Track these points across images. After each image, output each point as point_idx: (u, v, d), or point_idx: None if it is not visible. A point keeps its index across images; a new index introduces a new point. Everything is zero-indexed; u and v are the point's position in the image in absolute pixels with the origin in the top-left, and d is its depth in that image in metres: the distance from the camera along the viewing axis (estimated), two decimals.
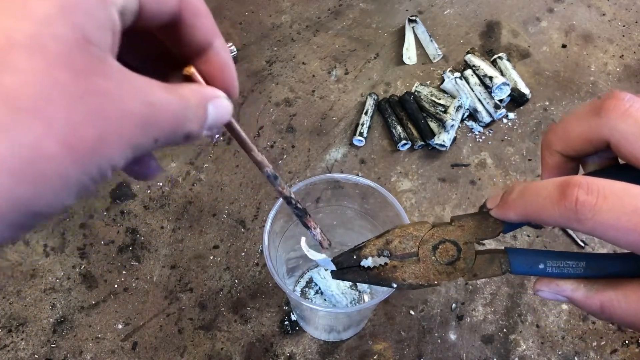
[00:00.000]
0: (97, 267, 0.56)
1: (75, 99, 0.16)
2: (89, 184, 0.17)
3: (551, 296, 0.29)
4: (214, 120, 0.23)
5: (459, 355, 0.51)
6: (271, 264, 0.40)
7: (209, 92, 0.23)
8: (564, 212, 0.24)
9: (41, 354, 0.51)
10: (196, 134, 0.22)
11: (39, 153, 0.15)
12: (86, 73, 0.16)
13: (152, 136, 0.19)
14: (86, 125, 0.16)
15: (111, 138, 0.17)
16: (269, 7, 0.80)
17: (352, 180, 0.45)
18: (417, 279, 0.32)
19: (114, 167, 0.18)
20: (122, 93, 0.18)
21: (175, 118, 0.20)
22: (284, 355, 0.51)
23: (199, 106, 0.22)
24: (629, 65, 0.74)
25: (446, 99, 0.67)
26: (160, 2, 0.21)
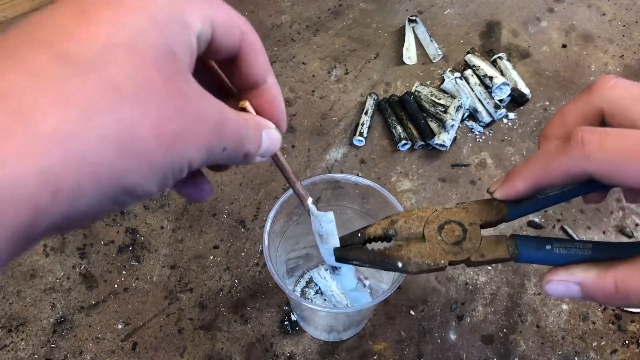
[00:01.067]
0: (97, 267, 0.56)
1: (164, 97, 0.18)
2: (169, 175, 0.19)
3: (562, 287, 0.28)
4: (266, 147, 0.26)
5: (459, 356, 0.51)
6: (271, 264, 0.40)
7: (264, 121, 0.26)
8: (571, 153, 0.25)
9: (41, 354, 0.51)
10: (252, 156, 0.25)
11: (135, 135, 0.17)
12: (173, 78, 0.19)
13: (221, 143, 0.21)
14: (172, 120, 0.19)
15: (191, 135, 0.19)
16: (269, 7, 0.80)
17: (352, 181, 0.45)
18: (422, 258, 0.31)
19: (190, 165, 0.20)
20: (200, 100, 0.20)
21: (239, 134, 0.23)
22: (284, 355, 0.51)
23: (256, 131, 0.25)
24: (629, 65, 0.74)
25: (446, 99, 0.67)
26: (227, 34, 0.23)
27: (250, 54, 0.25)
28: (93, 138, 0.16)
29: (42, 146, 0.15)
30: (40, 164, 0.15)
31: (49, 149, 0.15)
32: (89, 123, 0.16)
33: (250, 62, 0.25)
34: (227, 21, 0.23)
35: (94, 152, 0.16)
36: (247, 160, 0.24)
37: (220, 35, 0.23)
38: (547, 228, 0.59)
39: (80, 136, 0.16)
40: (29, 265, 0.56)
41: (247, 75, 0.26)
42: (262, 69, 0.26)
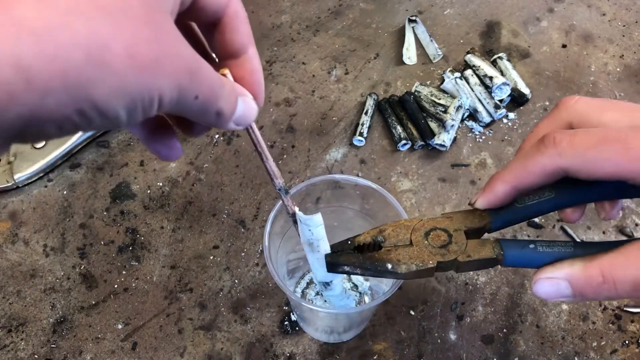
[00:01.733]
0: (97, 267, 0.56)
1: (141, 22, 0.19)
2: (138, 103, 0.19)
3: (551, 285, 0.29)
4: (241, 114, 0.25)
5: (459, 356, 0.51)
6: (271, 264, 0.40)
7: (240, 89, 0.26)
8: (546, 151, 0.28)
9: (41, 354, 0.51)
10: (226, 118, 0.24)
11: (107, 48, 0.18)
12: (153, 10, 0.19)
13: (194, 89, 0.21)
14: (147, 44, 0.19)
15: (164, 66, 0.19)
16: (269, 7, 0.80)
17: (352, 181, 0.45)
18: (411, 259, 0.32)
19: (161, 98, 0.20)
20: (177, 40, 0.20)
21: (213, 88, 0.22)
22: (284, 355, 0.51)
23: (231, 94, 0.24)
24: (629, 65, 0.74)
25: (446, 99, 0.67)
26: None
27: (234, 20, 0.25)
28: (66, 39, 0.17)
29: (20, 35, 0.16)
30: (17, 50, 0.16)
31: (26, 38, 0.16)
32: (64, 25, 0.17)
33: (233, 29, 0.25)
34: None
35: (65, 52, 0.17)
36: (220, 121, 0.24)
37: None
38: (547, 228, 0.59)
39: (54, 35, 0.17)
40: (29, 265, 0.56)
41: (229, 42, 0.26)
42: (244, 38, 0.26)
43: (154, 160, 0.64)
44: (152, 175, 0.63)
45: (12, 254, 0.57)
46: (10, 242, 0.58)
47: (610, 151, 0.26)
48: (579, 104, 0.31)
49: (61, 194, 0.61)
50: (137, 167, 0.63)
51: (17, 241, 0.58)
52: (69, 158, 0.63)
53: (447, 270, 0.32)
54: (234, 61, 0.27)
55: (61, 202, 0.60)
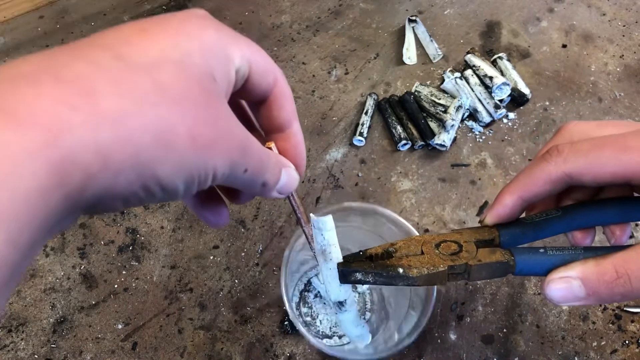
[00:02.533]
0: (97, 267, 0.56)
1: (202, 107, 0.21)
2: (195, 177, 0.21)
3: (564, 286, 0.28)
4: (284, 183, 0.27)
5: (459, 355, 0.51)
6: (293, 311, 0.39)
7: (285, 161, 0.28)
8: (550, 159, 0.29)
9: (41, 354, 0.51)
10: (270, 188, 0.26)
11: (173, 131, 0.20)
12: (210, 95, 0.21)
13: (244, 163, 0.23)
14: (205, 127, 0.21)
15: (220, 145, 0.21)
16: (269, 7, 0.80)
17: (369, 208, 0.45)
18: (422, 264, 0.32)
19: (215, 173, 0.22)
20: (232, 120, 0.23)
21: (261, 162, 0.25)
22: (284, 355, 0.51)
23: (276, 166, 0.27)
24: (629, 65, 0.74)
25: (446, 99, 0.67)
26: (262, 76, 0.26)
27: (280, 99, 0.27)
28: (138, 125, 0.19)
29: (100, 121, 0.18)
30: (98, 136, 0.18)
31: (105, 125, 0.18)
32: (137, 112, 0.19)
33: (279, 107, 0.27)
34: (263, 65, 0.26)
35: (138, 136, 0.19)
36: (265, 191, 0.26)
37: (257, 76, 0.25)
38: None
39: (129, 121, 0.18)
40: (29, 265, 0.56)
41: (275, 118, 0.28)
42: (289, 114, 0.28)
43: None
44: None
45: None
46: None
47: (610, 151, 0.27)
48: (579, 126, 0.33)
49: None
50: None
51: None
52: None
53: (460, 279, 0.33)
54: (278, 135, 0.29)
55: None
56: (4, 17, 0.76)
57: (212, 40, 0.23)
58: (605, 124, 0.32)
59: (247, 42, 0.25)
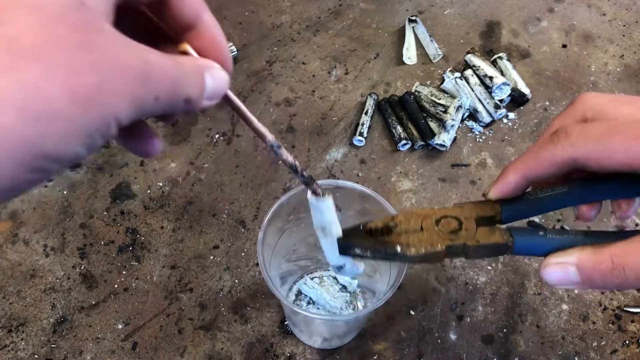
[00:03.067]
0: (97, 267, 0.56)
1: (73, 49, 0.17)
2: (95, 134, 0.18)
3: (560, 270, 0.29)
4: (212, 89, 0.24)
5: (459, 356, 0.51)
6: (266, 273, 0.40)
7: (205, 62, 0.24)
8: (558, 142, 0.28)
9: (41, 354, 0.51)
10: (197, 100, 0.23)
11: (41, 93, 0.16)
12: (83, 29, 0.18)
13: (152, 93, 0.20)
14: (85, 73, 0.17)
15: (111, 87, 0.18)
16: (269, 7, 0.80)
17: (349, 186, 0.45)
18: (420, 243, 0.32)
19: (118, 120, 0.19)
20: (119, 48, 0.19)
21: (173, 80, 0.21)
22: (284, 355, 0.51)
23: (196, 73, 0.23)
24: (629, 65, 0.74)
25: (446, 99, 0.67)
26: None
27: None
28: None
29: None
30: None
31: None
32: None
33: (181, 2, 0.24)
34: None
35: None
36: (193, 106, 0.23)
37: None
38: (547, 227, 0.59)
39: None
40: (29, 265, 0.56)
41: (179, 15, 0.24)
42: (194, 6, 0.24)
43: (154, 160, 0.64)
44: (152, 175, 0.63)
45: (12, 254, 0.57)
46: (11, 242, 0.58)
47: (619, 141, 0.26)
48: (595, 99, 0.31)
49: (61, 194, 0.61)
50: (137, 167, 0.63)
51: (17, 241, 0.58)
52: None
53: (457, 257, 0.33)
54: (191, 33, 0.25)
55: (61, 202, 0.60)
56: None
57: None
58: (624, 101, 0.30)
59: None
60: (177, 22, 0.25)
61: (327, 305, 0.53)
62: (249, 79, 0.71)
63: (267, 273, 0.40)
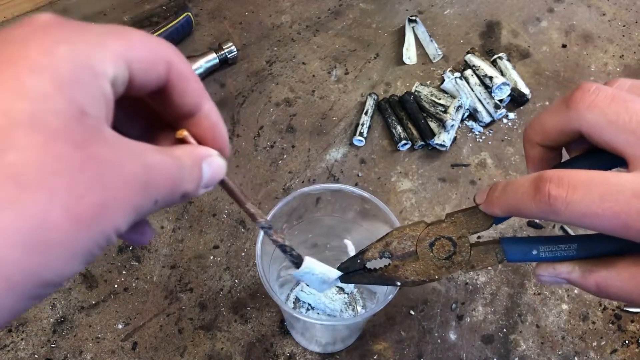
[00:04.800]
0: (97, 267, 0.56)
1: (76, 169, 0.17)
2: (96, 250, 0.18)
3: (551, 280, 0.30)
4: (209, 178, 0.24)
5: (459, 355, 0.51)
6: (265, 277, 0.40)
7: (203, 151, 0.24)
8: (540, 206, 0.26)
9: (41, 354, 0.51)
10: (192, 194, 0.23)
11: (46, 224, 0.16)
12: (84, 144, 0.17)
13: (152, 198, 0.20)
14: (89, 193, 0.17)
15: (114, 203, 0.18)
16: (269, 7, 0.80)
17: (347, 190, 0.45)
18: (418, 276, 0.34)
19: (118, 231, 0.18)
20: (121, 159, 0.18)
21: (173, 179, 0.21)
22: (284, 355, 0.51)
23: (194, 166, 0.23)
24: (629, 65, 0.74)
25: (446, 99, 0.67)
26: (149, 70, 0.21)
27: (179, 82, 0.23)
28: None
29: None
30: None
31: None
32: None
33: (181, 90, 0.23)
34: (147, 55, 0.21)
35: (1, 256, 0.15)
36: (187, 198, 0.23)
37: (141, 72, 0.21)
38: (547, 228, 0.59)
39: None
40: None
41: (180, 104, 0.24)
42: (195, 96, 0.24)
43: None
44: None
45: None
46: None
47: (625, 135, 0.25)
48: (593, 112, 0.28)
49: None
50: None
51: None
52: None
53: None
54: (190, 120, 0.25)
55: None
56: (4, 17, 0.76)
57: (68, 61, 0.17)
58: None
59: (118, 35, 0.20)
60: (178, 110, 0.24)
61: (327, 309, 0.53)
62: (249, 79, 0.71)
63: (268, 283, 0.40)
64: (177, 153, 0.22)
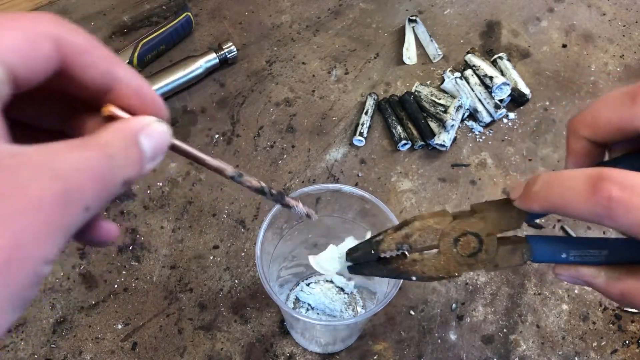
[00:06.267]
0: (97, 267, 0.56)
1: None
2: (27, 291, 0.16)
3: (570, 280, 0.29)
4: (152, 151, 0.21)
5: (459, 356, 0.51)
6: (264, 277, 0.40)
7: (135, 124, 0.21)
8: (595, 208, 0.23)
9: (41, 354, 0.51)
10: (137, 176, 0.20)
11: None
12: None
13: (79, 208, 0.17)
14: None
15: (28, 238, 0.15)
16: (269, 7, 0.80)
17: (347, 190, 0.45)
18: (437, 272, 0.31)
19: (49, 261, 0.16)
20: (22, 178, 0.16)
21: (101, 175, 0.18)
22: (284, 355, 0.51)
23: (129, 146, 0.20)
24: (629, 65, 0.74)
25: (446, 99, 0.67)
26: (31, 58, 0.18)
27: (78, 57, 0.20)
28: None
29: None
30: None
31: None
32: None
33: (82, 66, 0.20)
34: (22, 42, 0.18)
35: None
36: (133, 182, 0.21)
37: (22, 64, 0.18)
38: (547, 228, 0.59)
39: None
40: None
41: (88, 81, 0.21)
42: (102, 67, 0.21)
43: None
44: (152, 175, 0.63)
45: None
46: None
47: None
48: None
49: None
50: None
51: None
52: None
53: None
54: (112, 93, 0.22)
55: None
56: None
57: None
58: None
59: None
60: (90, 87, 0.21)
61: (327, 310, 0.53)
62: (249, 79, 0.71)
63: (268, 283, 0.40)
64: (105, 138, 0.19)
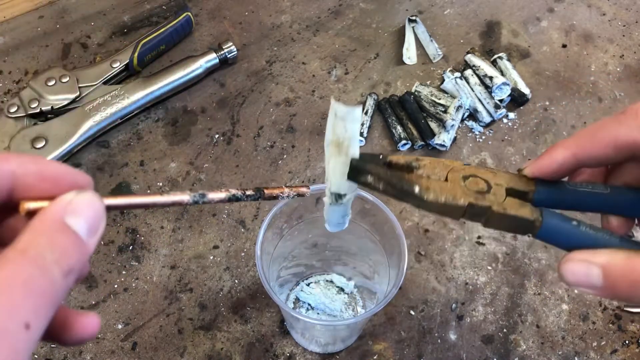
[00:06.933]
0: (97, 267, 0.56)
1: None
2: None
3: (582, 269, 0.25)
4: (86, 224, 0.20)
5: (459, 355, 0.51)
6: (264, 276, 0.40)
7: (55, 209, 0.19)
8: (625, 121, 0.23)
9: (41, 354, 0.51)
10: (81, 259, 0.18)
11: None
12: None
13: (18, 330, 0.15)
14: None
15: None
16: (269, 7, 0.80)
17: None
18: (443, 193, 0.28)
19: None
20: None
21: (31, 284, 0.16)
22: (284, 355, 0.51)
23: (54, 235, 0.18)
24: (629, 65, 0.74)
25: (446, 99, 0.67)
26: None
27: None
28: None
29: None
30: None
31: None
32: None
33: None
34: None
35: None
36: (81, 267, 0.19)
37: None
38: None
39: None
40: None
41: None
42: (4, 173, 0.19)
43: (154, 160, 0.64)
44: (152, 175, 0.63)
45: None
46: None
47: None
48: None
49: None
50: (137, 167, 0.63)
51: None
52: (69, 158, 0.63)
53: (476, 220, 0.29)
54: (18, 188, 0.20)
55: None
56: (4, 17, 0.76)
57: None
58: None
59: None
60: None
61: (327, 309, 0.53)
62: (249, 79, 0.71)
63: (268, 283, 0.40)
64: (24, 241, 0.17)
